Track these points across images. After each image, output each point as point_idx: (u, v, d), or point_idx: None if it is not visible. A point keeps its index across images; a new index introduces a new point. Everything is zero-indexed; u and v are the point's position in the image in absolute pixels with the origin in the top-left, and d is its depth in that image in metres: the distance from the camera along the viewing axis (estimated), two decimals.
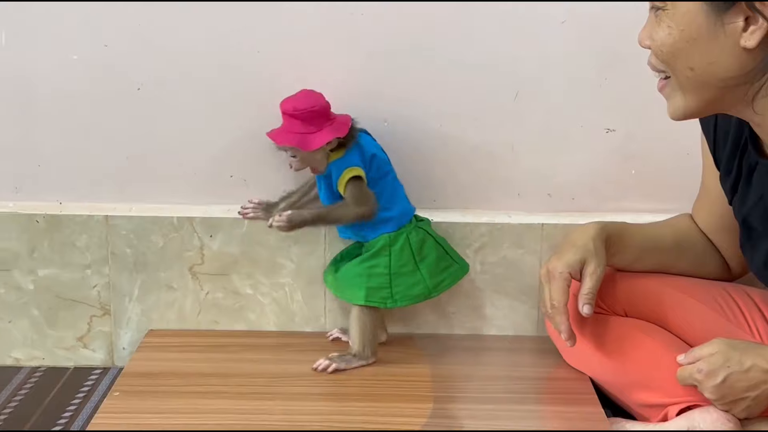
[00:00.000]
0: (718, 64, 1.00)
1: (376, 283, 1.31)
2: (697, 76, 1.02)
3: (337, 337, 1.42)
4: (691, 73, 1.02)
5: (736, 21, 0.97)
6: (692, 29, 1.00)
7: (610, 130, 1.41)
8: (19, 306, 1.43)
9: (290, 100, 1.28)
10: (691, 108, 1.06)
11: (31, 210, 1.41)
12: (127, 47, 1.37)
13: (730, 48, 0.99)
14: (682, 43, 1.01)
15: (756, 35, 0.97)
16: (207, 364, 1.34)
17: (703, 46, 1.00)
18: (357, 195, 1.28)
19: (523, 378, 1.32)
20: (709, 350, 1.10)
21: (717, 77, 1.01)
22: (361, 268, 1.32)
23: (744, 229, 1.18)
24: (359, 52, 1.38)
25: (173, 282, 1.43)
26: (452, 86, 1.39)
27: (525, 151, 1.43)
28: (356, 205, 1.29)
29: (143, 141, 1.41)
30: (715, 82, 1.02)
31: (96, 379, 1.41)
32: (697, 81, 1.03)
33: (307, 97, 1.28)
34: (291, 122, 1.27)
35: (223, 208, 1.43)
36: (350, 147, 1.29)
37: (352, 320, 1.32)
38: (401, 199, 1.34)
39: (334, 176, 1.29)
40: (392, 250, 1.30)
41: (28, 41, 1.36)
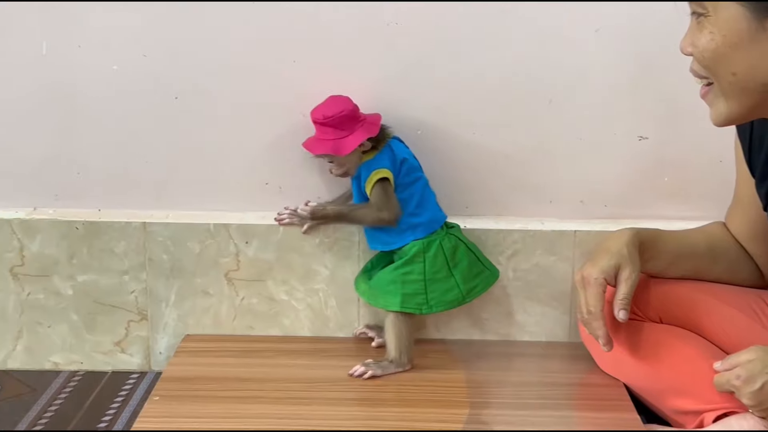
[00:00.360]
0: (761, 68, 1.01)
1: (411, 289, 1.32)
2: (739, 81, 1.03)
3: (363, 332, 1.43)
4: (734, 78, 1.03)
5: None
6: (734, 34, 1.01)
7: (643, 137, 1.42)
8: (59, 311, 1.45)
9: (319, 109, 1.30)
10: (733, 114, 1.07)
11: (70, 217, 1.43)
12: (165, 57, 1.39)
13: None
14: (725, 48, 1.02)
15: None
16: (243, 368, 1.35)
17: (745, 51, 1.01)
18: (381, 198, 1.31)
19: (557, 384, 1.33)
20: (747, 357, 1.11)
21: (759, 81, 1.02)
22: (396, 274, 1.34)
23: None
24: (393, 62, 1.39)
25: (209, 288, 1.45)
26: (485, 94, 1.41)
27: (558, 158, 1.44)
28: (378, 209, 1.31)
29: (180, 149, 1.43)
30: (757, 86, 1.03)
31: (133, 383, 1.43)
32: (740, 86, 1.04)
33: (334, 102, 1.30)
34: (323, 130, 1.30)
35: (258, 215, 1.45)
36: (381, 150, 1.31)
37: (387, 327, 1.34)
38: (431, 206, 1.35)
39: (363, 177, 1.31)
40: (426, 257, 1.32)
41: (68, 51, 1.39)
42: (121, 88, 1.40)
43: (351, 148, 1.29)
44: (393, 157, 1.32)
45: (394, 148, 1.33)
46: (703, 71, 1.06)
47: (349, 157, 1.31)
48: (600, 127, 1.42)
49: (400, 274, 1.33)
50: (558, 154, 1.43)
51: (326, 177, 1.42)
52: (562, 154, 1.43)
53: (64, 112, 1.41)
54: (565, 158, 1.44)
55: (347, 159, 1.31)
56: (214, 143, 1.43)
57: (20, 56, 1.39)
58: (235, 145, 1.43)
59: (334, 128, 1.29)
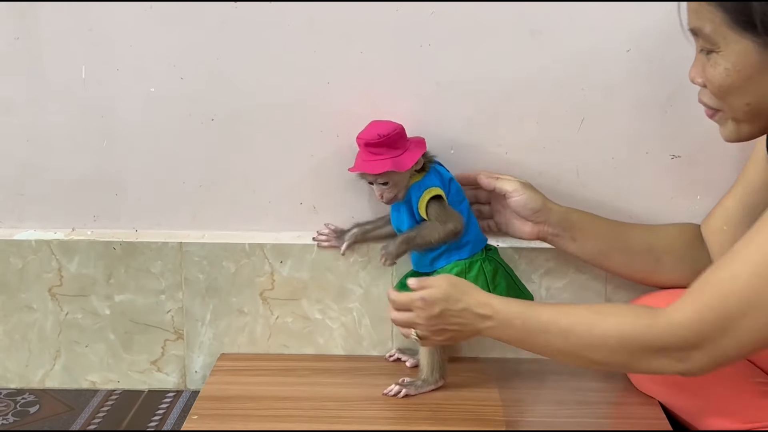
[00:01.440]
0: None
1: None
2: (752, 109, 1.06)
3: (397, 357, 1.44)
4: (748, 107, 1.06)
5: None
6: (748, 67, 1.03)
7: (675, 156, 1.43)
8: (96, 330, 1.47)
9: (370, 130, 1.30)
10: (744, 134, 1.10)
11: (108, 237, 1.46)
12: (201, 80, 1.41)
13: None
14: (740, 81, 1.04)
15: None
16: (279, 387, 1.36)
17: (758, 81, 1.04)
18: (441, 211, 1.30)
19: (591, 402, 1.33)
20: (435, 282, 1.18)
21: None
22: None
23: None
24: (426, 82, 1.40)
25: (244, 307, 1.47)
26: (518, 113, 1.42)
27: (590, 177, 1.44)
28: (443, 222, 1.30)
29: (216, 170, 1.45)
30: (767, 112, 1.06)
31: (170, 402, 1.44)
32: (752, 113, 1.06)
33: (383, 124, 1.30)
34: (377, 150, 1.28)
35: (293, 235, 1.46)
36: (428, 171, 1.32)
37: (425, 348, 1.33)
38: (475, 227, 1.35)
39: (414, 199, 1.31)
40: (468, 277, 1.32)
41: (107, 75, 1.41)
42: (158, 111, 1.43)
43: (411, 163, 1.28)
44: (441, 177, 1.32)
45: (439, 169, 1.33)
46: (715, 103, 1.09)
47: (402, 178, 1.29)
48: (632, 146, 1.42)
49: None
50: (590, 172, 1.44)
51: (360, 197, 1.44)
52: (594, 172, 1.44)
53: (102, 134, 1.44)
54: (596, 177, 1.44)
55: (400, 180, 1.29)
56: (249, 164, 1.45)
57: (61, 80, 1.42)
58: (269, 166, 1.45)
59: (388, 147, 1.28)
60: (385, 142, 1.27)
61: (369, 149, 1.29)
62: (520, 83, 1.40)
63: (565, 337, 1.10)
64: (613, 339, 1.06)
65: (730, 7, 1.02)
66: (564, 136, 1.42)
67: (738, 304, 0.99)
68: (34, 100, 1.43)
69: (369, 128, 1.31)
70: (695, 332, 1.01)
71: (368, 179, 1.31)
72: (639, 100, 1.40)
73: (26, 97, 1.43)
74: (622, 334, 1.06)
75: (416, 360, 1.40)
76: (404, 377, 1.35)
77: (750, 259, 0.99)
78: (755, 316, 0.98)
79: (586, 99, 1.41)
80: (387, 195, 1.31)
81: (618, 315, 1.08)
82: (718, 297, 1.00)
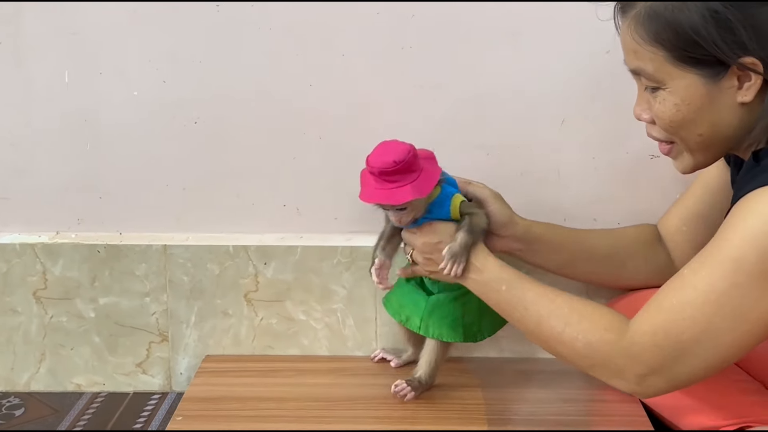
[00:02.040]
0: (722, 124, 1.05)
1: (469, 319, 1.31)
2: (705, 139, 1.07)
3: (382, 357, 1.44)
4: (700, 138, 1.07)
5: (731, 82, 1.02)
6: (697, 100, 1.04)
7: (655, 156, 1.44)
8: (81, 333, 1.48)
9: (382, 156, 1.18)
10: (700, 164, 1.11)
11: (92, 240, 1.46)
12: (185, 83, 1.42)
13: (729, 107, 1.04)
14: (692, 114, 1.05)
15: (751, 90, 1.02)
16: (264, 388, 1.37)
17: (707, 111, 1.04)
18: (469, 205, 1.24)
19: (575, 400, 1.34)
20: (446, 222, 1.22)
21: (723, 135, 1.06)
22: (456, 305, 1.30)
23: None
24: (407, 84, 1.41)
25: (229, 308, 1.47)
26: (498, 115, 1.43)
27: (571, 177, 1.46)
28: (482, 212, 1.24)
29: (200, 172, 1.46)
30: (721, 140, 1.07)
31: (155, 404, 1.45)
32: (706, 143, 1.07)
33: (394, 147, 1.19)
34: (392, 178, 1.18)
35: (277, 237, 1.47)
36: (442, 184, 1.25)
37: (429, 351, 1.31)
38: None
39: (443, 212, 1.23)
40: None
41: (90, 79, 1.42)
42: (141, 114, 1.43)
43: (431, 187, 1.19)
44: (455, 184, 1.27)
45: (447, 178, 1.27)
46: (666, 137, 1.09)
47: (421, 201, 1.21)
48: (612, 147, 1.44)
49: (461, 305, 1.30)
50: (571, 173, 1.46)
51: (343, 198, 1.45)
52: (576, 173, 1.46)
53: (86, 138, 1.45)
54: (578, 177, 1.46)
55: (419, 203, 1.21)
56: (233, 167, 1.46)
57: (44, 84, 1.43)
58: (253, 168, 1.46)
59: (405, 173, 1.18)
60: (401, 169, 1.17)
61: (385, 176, 1.18)
62: (501, 85, 1.42)
63: (538, 323, 1.12)
64: (580, 344, 1.08)
65: (671, 44, 1.02)
66: (545, 137, 1.44)
67: (691, 331, 1.00)
68: (17, 105, 1.44)
69: (380, 153, 1.19)
70: (651, 358, 1.02)
71: (384, 207, 1.23)
72: (619, 101, 1.41)
73: (10, 102, 1.44)
74: (589, 343, 1.07)
75: (401, 360, 1.41)
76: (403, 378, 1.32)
77: (700, 286, 1.00)
78: (707, 343, 1.00)
79: (567, 100, 1.42)
80: (405, 219, 1.22)
81: (591, 321, 1.08)
82: (672, 323, 1.01)
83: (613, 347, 1.05)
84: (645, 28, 1.03)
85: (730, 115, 1.04)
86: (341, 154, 1.44)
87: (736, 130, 1.05)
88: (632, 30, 1.05)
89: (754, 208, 0.98)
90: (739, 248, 0.98)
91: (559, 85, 1.41)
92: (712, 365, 1.02)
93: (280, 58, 1.41)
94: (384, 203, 1.20)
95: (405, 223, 1.22)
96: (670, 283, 1.05)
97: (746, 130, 1.05)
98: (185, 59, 1.41)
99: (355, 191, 1.44)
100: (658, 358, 1.02)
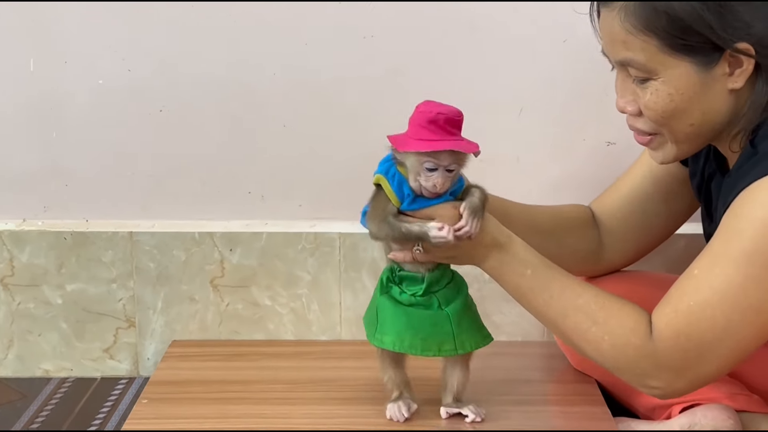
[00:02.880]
0: (713, 112, 1.05)
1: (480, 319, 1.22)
2: (696, 128, 1.06)
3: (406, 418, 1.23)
4: (691, 128, 1.06)
5: (723, 69, 1.03)
6: (690, 89, 1.03)
7: (611, 143, 1.48)
8: (48, 320, 1.49)
9: (442, 107, 1.10)
10: (683, 154, 1.11)
11: (59, 228, 1.47)
12: (149, 71, 1.44)
13: (720, 94, 1.04)
14: (684, 104, 1.04)
15: (742, 76, 1.03)
16: (229, 372, 1.39)
17: (700, 100, 1.04)
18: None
19: (533, 381, 1.38)
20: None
21: (713, 124, 1.06)
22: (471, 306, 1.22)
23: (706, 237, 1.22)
24: (370, 72, 1.44)
25: (195, 294, 1.50)
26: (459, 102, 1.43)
27: (530, 164, 1.49)
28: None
29: (165, 160, 1.48)
30: (710, 129, 1.07)
31: (122, 388, 1.47)
32: (696, 133, 1.07)
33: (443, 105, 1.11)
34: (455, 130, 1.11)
35: (242, 223, 1.49)
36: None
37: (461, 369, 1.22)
38: None
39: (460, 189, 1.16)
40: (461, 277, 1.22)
41: (55, 67, 1.43)
42: (106, 102, 1.45)
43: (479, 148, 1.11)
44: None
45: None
46: (652, 128, 1.08)
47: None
48: (569, 134, 1.47)
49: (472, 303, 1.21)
50: (530, 160, 1.49)
51: (307, 186, 1.48)
52: (534, 160, 1.49)
53: (52, 126, 1.46)
54: (536, 164, 1.49)
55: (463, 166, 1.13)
56: (198, 154, 1.48)
57: (9, 73, 1.44)
58: (218, 156, 1.48)
59: (461, 129, 1.12)
60: (461, 122, 1.11)
61: (448, 128, 1.09)
62: (462, 73, 1.45)
63: (563, 316, 1.09)
64: (605, 345, 1.06)
65: (664, 32, 1.01)
66: (504, 125, 1.47)
67: (713, 331, 1.00)
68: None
69: (437, 105, 1.10)
70: (676, 362, 1.02)
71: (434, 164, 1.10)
72: (576, 89, 1.45)
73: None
74: (614, 345, 1.05)
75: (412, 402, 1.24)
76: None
77: (716, 284, 1.00)
78: (729, 340, 1.01)
79: (525, 88, 1.45)
80: (448, 184, 1.12)
81: (618, 322, 1.06)
82: (693, 326, 1.01)
83: (639, 352, 1.04)
84: (636, 16, 1.01)
85: (720, 102, 1.04)
86: (305, 142, 1.47)
87: (725, 117, 1.05)
88: (621, 19, 1.03)
89: (761, 198, 0.98)
90: (751, 240, 0.97)
91: (517, 73, 1.44)
92: (735, 360, 1.03)
93: (244, 47, 1.43)
94: (459, 150, 1.09)
95: (445, 188, 1.11)
96: (682, 284, 1.03)
97: (734, 118, 1.05)
98: (150, 48, 1.43)
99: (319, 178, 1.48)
100: (682, 361, 1.02)
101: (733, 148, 1.08)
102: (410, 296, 1.17)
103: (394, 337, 1.18)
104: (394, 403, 1.23)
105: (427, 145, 1.08)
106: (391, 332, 1.18)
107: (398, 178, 1.13)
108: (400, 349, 1.18)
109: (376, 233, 1.15)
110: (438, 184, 1.10)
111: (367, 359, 1.34)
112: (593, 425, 1.24)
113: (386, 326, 1.18)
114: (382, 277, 1.20)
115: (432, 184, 1.10)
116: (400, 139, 1.12)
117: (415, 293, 1.17)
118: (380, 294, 1.19)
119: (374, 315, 1.20)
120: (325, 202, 1.49)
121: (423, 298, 1.17)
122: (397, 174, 1.14)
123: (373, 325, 1.20)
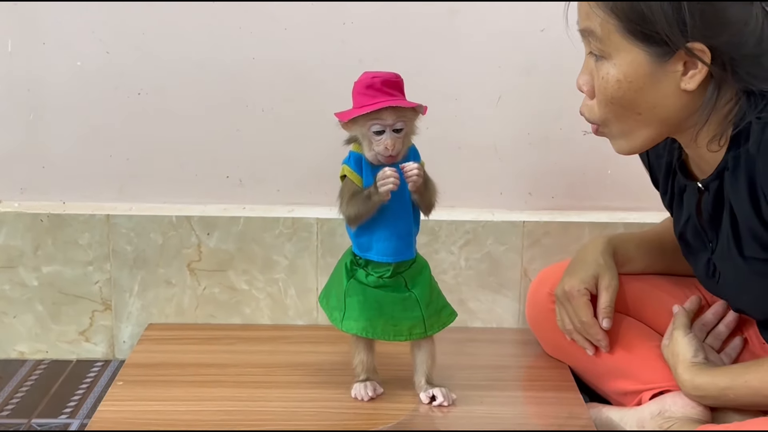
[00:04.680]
0: (662, 107, 1.05)
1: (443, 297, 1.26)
2: (643, 119, 1.06)
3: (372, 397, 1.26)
4: (639, 117, 1.06)
5: (676, 66, 1.02)
6: (639, 79, 1.03)
7: (587, 132, 1.48)
8: (24, 302, 1.49)
9: (380, 73, 1.14)
10: (636, 146, 1.11)
11: (35, 210, 1.47)
12: (127, 54, 1.43)
13: (671, 91, 1.04)
14: (632, 93, 1.04)
15: (695, 78, 1.02)
16: (205, 355, 1.40)
17: (648, 92, 1.04)
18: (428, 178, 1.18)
19: (507, 366, 1.40)
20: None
21: (663, 119, 1.06)
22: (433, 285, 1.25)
23: (682, 244, 1.23)
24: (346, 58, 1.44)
25: (172, 278, 1.50)
26: (437, 90, 1.46)
27: (507, 153, 1.50)
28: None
29: (143, 143, 1.48)
30: (661, 123, 1.07)
31: (98, 371, 1.47)
32: (643, 123, 1.07)
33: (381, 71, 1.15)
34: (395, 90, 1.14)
35: (219, 208, 1.49)
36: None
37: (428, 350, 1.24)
38: None
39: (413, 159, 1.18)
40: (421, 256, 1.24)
41: (33, 49, 1.43)
42: (84, 84, 1.44)
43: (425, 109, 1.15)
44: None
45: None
46: (598, 117, 1.09)
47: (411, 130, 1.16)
48: (546, 123, 1.48)
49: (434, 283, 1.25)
50: (507, 148, 1.50)
51: (285, 171, 1.48)
52: (511, 148, 1.50)
53: (29, 107, 1.45)
54: (513, 152, 1.50)
55: (410, 131, 1.16)
56: (176, 138, 1.48)
57: None
58: (196, 140, 1.48)
59: (401, 91, 1.15)
60: (400, 83, 1.15)
61: (386, 89, 1.13)
62: (440, 61, 1.45)
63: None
64: None
65: (624, 15, 1.01)
66: (482, 113, 1.48)
67: None
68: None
69: (372, 72, 1.15)
70: None
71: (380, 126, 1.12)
72: (552, 78, 1.46)
73: None
74: None
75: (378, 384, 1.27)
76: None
77: None
78: None
79: (503, 77, 1.46)
80: (398, 145, 1.13)
81: None
82: None
83: None
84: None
85: (672, 100, 1.04)
86: (284, 127, 1.47)
87: (677, 114, 1.05)
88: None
89: None
90: None
91: (495, 62, 1.45)
92: None
93: (223, 31, 1.43)
94: (396, 105, 1.12)
95: (396, 150, 1.13)
96: None
97: (687, 119, 1.05)
98: (128, 31, 1.43)
99: (297, 163, 1.48)
100: None
101: (711, 148, 1.07)
102: (377, 278, 1.19)
103: (366, 324, 1.21)
104: (361, 383, 1.25)
105: (368, 108, 1.11)
106: (362, 318, 1.21)
107: (354, 157, 1.17)
108: (372, 336, 1.22)
109: (349, 213, 1.17)
110: (388, 145, 1.13)
111: (343, 344, 1.35)
112: (565, 410, 1.26)
113: (356, 312, 1.21)
114: (346, 261, 1.22)
115: (383, 147, 1.13)
116: (345, 113, 1.15)
117: (383, 275, 1.19)
118: (346, 279, 1.21)
119: (341, 299, 1.22)
120: (303, 188, 1.50)
121: (390, 280, 1.20)
122: (353, 154, 1.17)
123: (339, 310, 1.22)
